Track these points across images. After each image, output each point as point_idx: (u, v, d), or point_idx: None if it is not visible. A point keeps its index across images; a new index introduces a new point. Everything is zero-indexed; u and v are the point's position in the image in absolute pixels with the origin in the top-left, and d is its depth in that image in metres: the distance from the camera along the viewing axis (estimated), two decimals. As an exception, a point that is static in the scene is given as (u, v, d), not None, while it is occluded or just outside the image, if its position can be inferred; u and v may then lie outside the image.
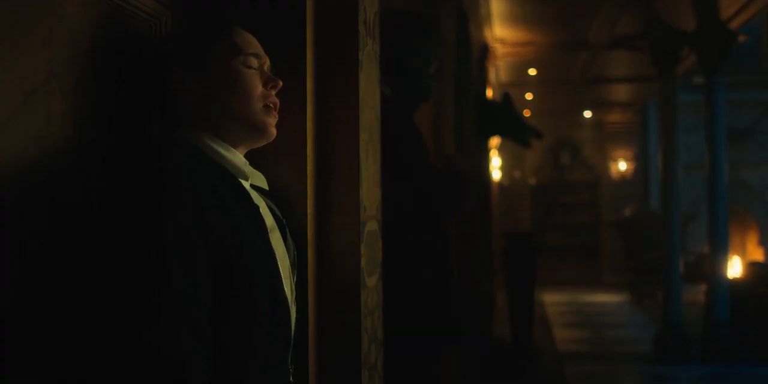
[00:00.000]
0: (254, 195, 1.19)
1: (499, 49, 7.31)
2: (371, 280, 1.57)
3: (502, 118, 6.12)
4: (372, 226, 1.58)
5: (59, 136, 1.05)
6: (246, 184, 1.17)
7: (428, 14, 3.64)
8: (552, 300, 10.63)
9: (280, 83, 1.20)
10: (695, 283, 9.11)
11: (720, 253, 6.52)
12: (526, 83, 9.60)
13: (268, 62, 1.22)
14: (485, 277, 6.77)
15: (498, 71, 8.96)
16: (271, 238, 1.14)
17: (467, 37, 5.24)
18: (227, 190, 1.08)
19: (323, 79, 1.46)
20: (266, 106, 1.18)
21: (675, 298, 6.79)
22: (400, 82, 2.17)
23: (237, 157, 1.16)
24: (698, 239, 10.56)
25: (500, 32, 6.95)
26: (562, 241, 12.75)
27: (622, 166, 12.91)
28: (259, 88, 1.17)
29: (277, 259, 1.13)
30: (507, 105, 6.19)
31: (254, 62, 1.18)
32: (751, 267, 8.25)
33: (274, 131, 1.19)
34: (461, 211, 2.27)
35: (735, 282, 7.29)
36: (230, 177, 1.12)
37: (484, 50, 7.05)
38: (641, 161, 12.71)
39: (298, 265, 1.31)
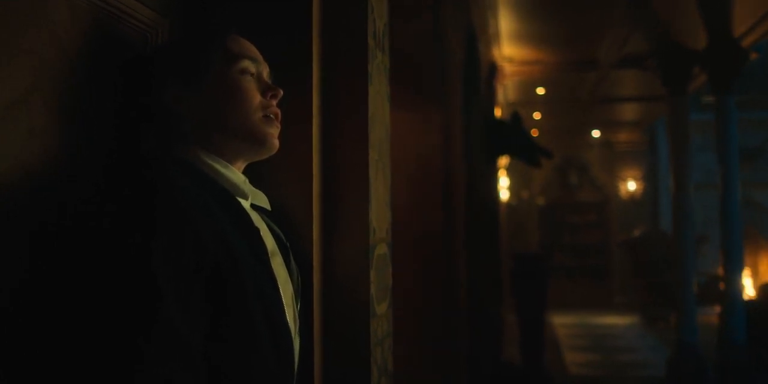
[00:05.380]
0: (255, 216, 1.11)
1: (507, 67, 7.26)
2: (381, 308, 1.48)
3: (511, 137, 6.05)
4: (382, 250, 1.49)
5: (42, 153, 0.98)
6: (246, 204, 1.09)
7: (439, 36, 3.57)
8: (561, 322, 10.47)
9: (281, 92, 1.12)
10: (708, 305, 8.96)
11: (734, 273, 6.39)
12: (535, 102, 9.54)
13: (267, 70, 1.14)
14: (494, 299, 6.65)
15: (506, 90, 8.91)
16: (272, 264, 1.05)
17: (476, 56, 5.19)
18: (224, 211, 0.99)
19: (330, 93, 1.39)
20: (266, 117, 1.10)
21: (689, 321, 6.64)
22: None
23: (236, 174, 1.08)
24: (710, 260, 10.40)
25: (508, 51, 6.90)
26: (570, 262, 12.60)
27: (631, 185, 12.79)
28: (258, 98, 1.09)
29: (279, 286, 1.04)
30: (516, 124, 6.12)
31: (251, 68, 1.10)
32: (765, 288, 8.09)
33: (276, 142, 1.11)
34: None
35: (749, 304, 7.14)
36: (228, 197, 1.04)
37: (493, 69, 7.00)
38: (651, 181, 12.59)
39: (303, 292, 1.21)
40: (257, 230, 1.04)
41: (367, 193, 1.38)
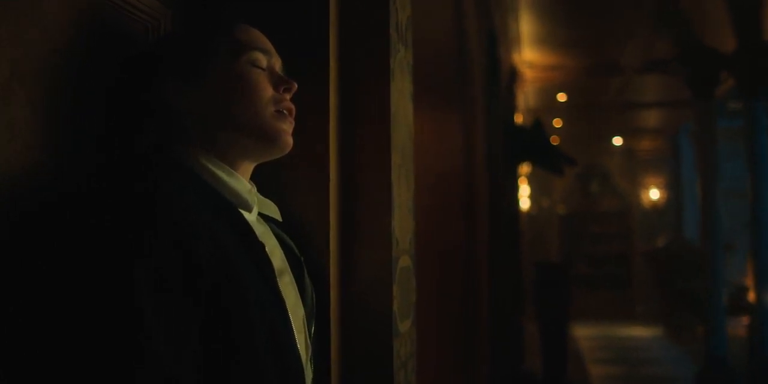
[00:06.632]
0: (261, 229, 0.99)
1: (527, 73, 7.12)
2: (404, 325, 1.35)
3: (533, 144, 5.91)
4: (405, 262, 1.36)
5: (23, 152, 0.86)
6: (251, 216, 0.96)
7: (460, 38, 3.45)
8: (583, 333, 10.26)
9: (295, 85, 1.00)
10: (734, 316, 8.74)
11: (764, 283, 6.19)
12: (555, 109, 9.39)
13: (280, 63, 1.02)
14: (515, 309, 6.51)
15: (526, 96, 8.77)
16: (280, 283, 0.92)
17: (497, 60, 5.06)
18: (224, 225, 0.87)
19: (349, 89, 1.26)
20: (278, 112, 0.98)
21: (718, 333, 6.45)
22: None
23: (240, 183, 0.96)
24: (736, 269, 10.16)
25: (529, 56, 6.77)
26: (592, 272, 12.39)
27: (654, 194, 12.57)
28: (269, 91, 0.98)
29: (288, 309, 0.92)
30: (538, 130, 5.99)
31: (262, 60, 0.98)
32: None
33: (289, 140, 0.99)
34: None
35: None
36: (229, 208, 0.92)
37: (513, 74, 6.88)
38: (674, 189, 12.37)
39: (318, 312, 1.09)
40: (261, 246, 0.91)
41: (390, 200, 1.26)
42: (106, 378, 0.72)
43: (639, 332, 10.60)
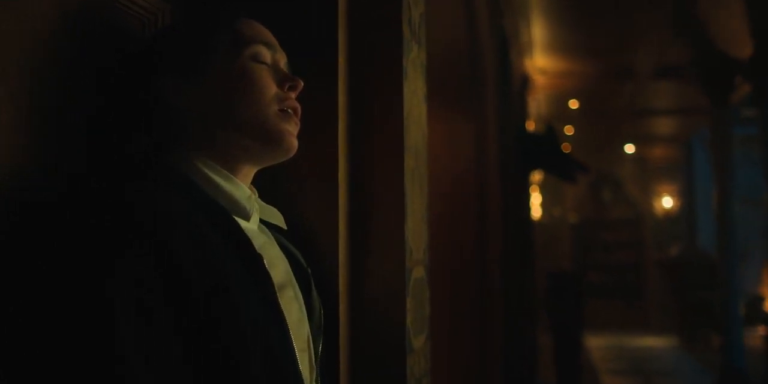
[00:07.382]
0: (262, 239, 0.92)
1: (539, 80, 7.05)
2: (418, 341, 1.27)
3: (545, 151, 5.84)
4: (419, 273, 1.28)
5: (6, 154, 0.80)
6: (250, 224, 0.89)
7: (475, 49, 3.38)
8: (596, 344, 10.14)
9: (301, 83, 0.93)
10: (750, 326, 8.60)
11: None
12: (567, 116, 9.31)
13: (285, 59, 0.96)
14: (527, 318, 6.41)
15: (538, 103, 8.70)
16: (281, 298, 0.84)
17: (508, 66, 4.99)
18: (219, 236, 0.80)
19: (359, 89, 1.19)
20: (283, 111, 0.91)
21: (736, 343, 6.33)
22: None
23: (238, 188, 0.89)
24: (750, 278, 10.02)
25: (541, 62, 6.70)
26: (604, 281, 12.27)
27: (667, 202, 12.46)
28: (273, 88, 0.91)
29: (290, 326, 0.84)
30: (551, 137, 5.91)
31: (266, 55, 0.92)
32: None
33: (294, 142, 0.92)
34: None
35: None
36: (225, 217, 0.84)
37: (525, 81, 6.81)
38: (687, 197, 12.25)
39: (326, 326, 1.01)
40: (259, 257, 0.84)
41: (403, 206, 1.19)
42: None
43: (653, 342, 10.47)
